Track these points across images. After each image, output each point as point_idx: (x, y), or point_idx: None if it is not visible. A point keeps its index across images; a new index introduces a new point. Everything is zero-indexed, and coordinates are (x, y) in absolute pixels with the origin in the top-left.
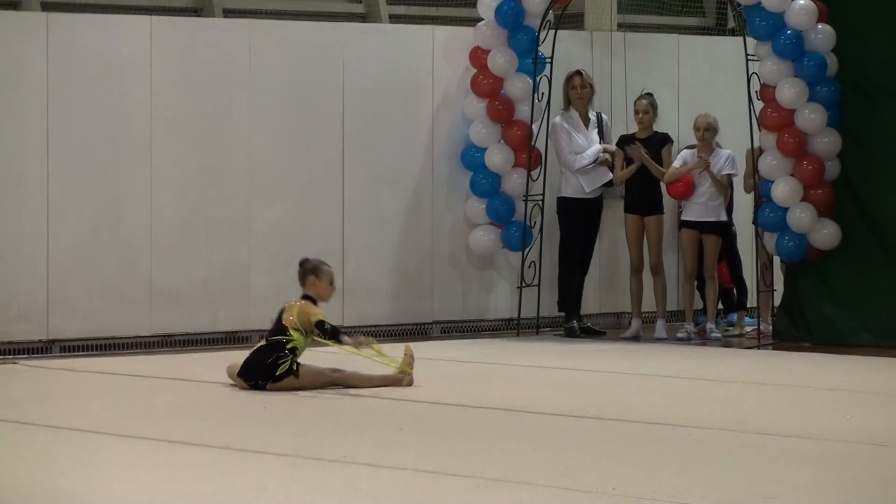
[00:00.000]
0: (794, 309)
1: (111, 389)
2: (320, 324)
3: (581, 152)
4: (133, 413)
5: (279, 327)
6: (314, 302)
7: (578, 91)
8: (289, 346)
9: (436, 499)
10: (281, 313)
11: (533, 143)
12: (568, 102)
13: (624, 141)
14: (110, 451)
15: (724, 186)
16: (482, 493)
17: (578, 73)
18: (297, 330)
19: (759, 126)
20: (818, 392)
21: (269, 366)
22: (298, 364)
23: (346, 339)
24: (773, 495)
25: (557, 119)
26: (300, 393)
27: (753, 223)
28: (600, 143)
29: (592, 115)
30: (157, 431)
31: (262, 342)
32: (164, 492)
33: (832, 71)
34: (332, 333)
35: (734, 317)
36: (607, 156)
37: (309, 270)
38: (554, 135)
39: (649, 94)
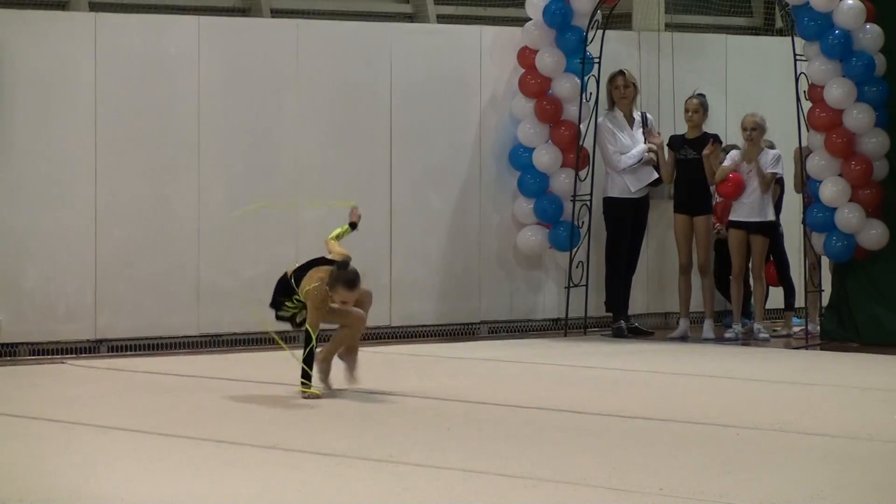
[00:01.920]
0: (841, 309)
1: (158, 389)
2: (309, 329)
3: (626, 152)
4: (180, 413)
5: (297, 281)
6: (328, 262)
7: (622, 91)
8: (288, 305)
9: (484, 499)
10: (311, 269)
11: (581, 143)
12: (612, 102)
13: (673, 141)
14: (158, 451)
15: (767, 184)
16: (530, 493)
17: (621, 72)
18: (300, 302)
19: (807, 126)
20: (866, 392)
21: (276, 302)
22: (296, 318)
23: (308, 368)
24: (820, 496)
25: (602, 119)
26: (348, 395)
27: (802, 223)
28: (645, 142)
29: (637, 115)
30: (204, 431)
31: (296, 266)
32: (211, 491)
33: (880, 71)
34: (304, 347)
35: (748, 321)
36: (652, 155)
37: (328, 283)
38: (599, 135)
39: (701, 95)
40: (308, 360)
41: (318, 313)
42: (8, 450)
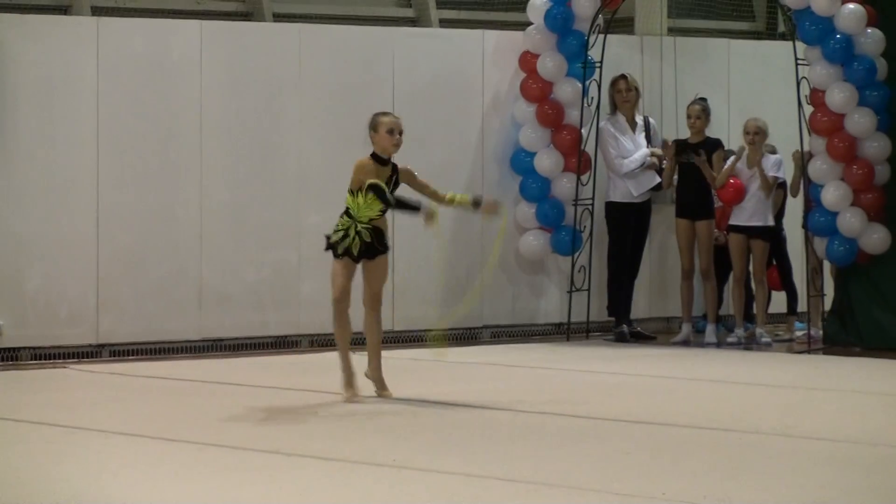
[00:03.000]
0: (844, 313)
1: (160, 394)
2: (372, 188)
3: (628, 156)
4: (182, 418)
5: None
6: (381, 161)
7: (624, 95)
8: (339, 224)
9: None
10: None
11: (582, 147)
12: (614, 107)
13: (678, 146)
14: (160, 456)
15: (768, 188)
16: (532, 497)
17: (623, 76)
18: (351, 192)
19: (808, 130)
20: (869, 397)
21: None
22: (337, 248)
23: (418, 210)
24: (823, 500)
25: (604, 123)
26: (351, 401)
27: (803, 227)
28: (647, 147)
29: (639, 119)
30: (207, 436)
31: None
32: (213, 496)
33: (882, 75)
34: (385, 199)
35: (750, 326)
36: (654, 160)
37: (369, 127)
38: (601, 139)
39: (702, 100)
40: (398, 204)
41: (369, 171)
42: (10, 454)
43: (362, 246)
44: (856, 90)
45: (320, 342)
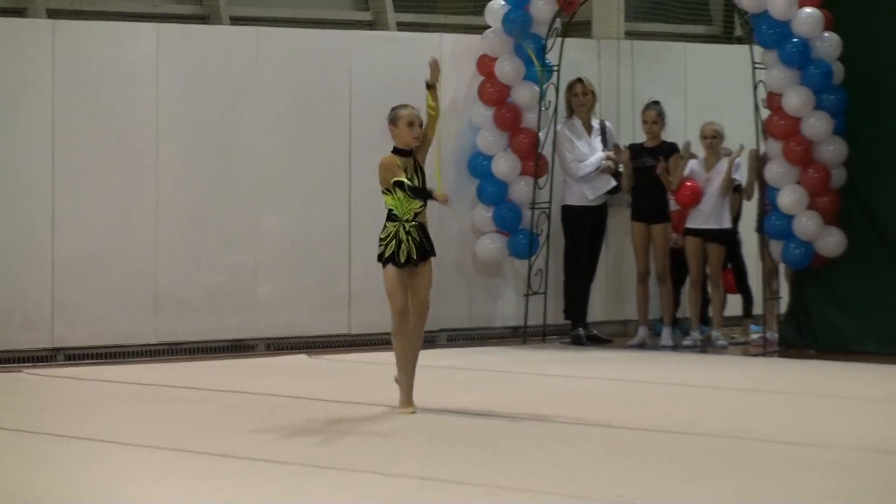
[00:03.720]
0: (799, 316)
1: (116, 398)
2: (399, 185)
3: (584, 160)
4: (138, 422)
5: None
6: (403, 153)
7: (580, 98)
8: (389, 213)
9: None
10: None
11: (540, 150)
12: (570, 110)
13: (633, 150)
14: (115, 461)
15: (727, 189)
16: (487, 500)
17: (580, 80)
18: (386, 192)
19: (765, 134)
20: (824, 399)
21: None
22: (387, 257)
23: (432, 195)
24: (778, 502)
25: (560, 127)
26: (304, 404)
27: (756, 231)
28: (603, 150)
29: (595, 123)
30: (163, 440)
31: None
32: (168, 501)
33: (838, 79)
34: (417, 192)
35: (706, 329)
36: (610, 163)
37: (388, 121)
38: (558, 143)
39: (657, 103)
40: (424, 193)
41: (391, 169)
42: None
43: (415, 247)
44: (812, 94)
45: (277, 346)
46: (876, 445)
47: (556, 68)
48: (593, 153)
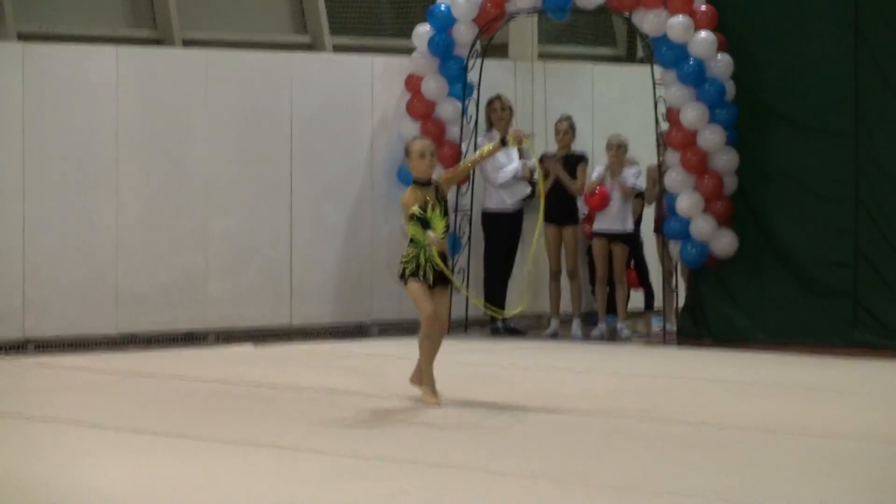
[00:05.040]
0: (696, 310)
1: (80, 384)
2: (412, 218)
3: (502, 169)
4: (100, 405)
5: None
6: (423, 184)
7: (498, 113)
8: (410, 240)
9: (372, 482)
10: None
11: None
12: (490, 124)
13: (545, 158)
14: (79, 441)
15: (629, 195)
16: (415, 475)
17: (498, 97)
18: (410, 220)
19: (665, 145)
20: (718, 384)
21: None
22: (409, 274)
23: (430, 234)
24: (676, 476)
25: (480, 139)
26: (260, 385)
27: (654, 232)
28: (520, 160)
29: None
30: (123, 422)
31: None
32: (126, 477)
33: (730, 96)
34: (424, 224)
35: (613, 319)
36: (526, 172)
37: (404, 154)
38: None
39: (569, 118)
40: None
41: (409, 201)
42: None
43: (432, 274)
44: (707, 109)
45: (226, 337)
46: (763, 425)
47: (476, 86)
48: (511, 163)
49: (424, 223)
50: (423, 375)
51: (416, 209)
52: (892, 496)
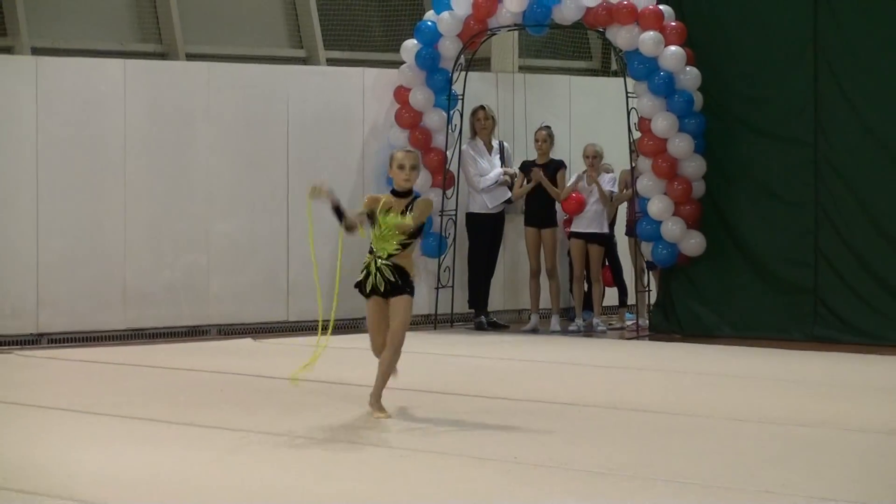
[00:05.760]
0: (666, 306)
1: (91, 375)
2: (369, 216)
3: (485, 175)
4: (109, 395)
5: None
6: (399, 194)
7: (482, 122)
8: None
9: (348, 465)
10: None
11: (447, 167)
12: (474, 132)
13: (525, 166)
14: (89, 428)
15: (607, 200)
16: (405, 462)
17: (482, 107)
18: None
19: (637, 152)
20: (687, 376)
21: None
22: (364, 287)
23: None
24: (648, 464)
25: (465, 147)
26: (258, 376)
27: (626, 234)
28: (501, 167)
29: (495, 143)
30: (131, 410)
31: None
32: (133, 461)
33: (698, 106)
34: (338, 212)
35: (589, 315)
36: (507, 178)
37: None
38: (462, 160)
39: (547, 127)
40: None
41: (369, 204)
42: None
43: (386, 284)
44: (677, 119)
45: (226, 331)
46: (729, 413)
47: (461, 97)
48: (493, 169)
49: (337, 212)
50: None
51: (363, 210)
52: (850, 478)
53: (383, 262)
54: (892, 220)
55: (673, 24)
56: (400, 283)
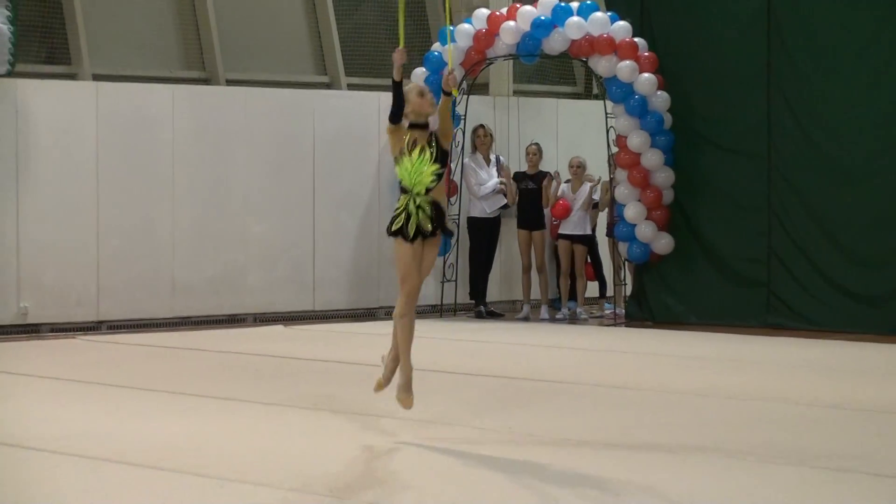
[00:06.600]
0: (640, 298)
1: (144, 357)
2: (397, 160)
3: (484, 184)
4: (159, 374)
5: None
6: (419, 127)
7: (482, 139)
8: (400, 187)
9: (365, 433)
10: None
11: (451, 177)
12: (474, 148)
13: (518, 176)
14: (143, 402)
15: (588, 206)
16: (397, 427)
17: (481, 125)
18: (397, 163)
19: (614, 165)
20: (659, 357)
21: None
22: (395, 232)
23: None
24: (626, 431)
25: (467, 160)
26: (289, 357)
27: (606, 235)
28: (497, 177)
29: (493, 157)
30: (178, 387)
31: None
32: (180, 431)
33: (668, 125)
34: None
35: (574, 305)
36: (503, 186)
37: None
38: (465, 171)
39: (537, 143)
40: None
41: (394, 136)
42: (27, 401)
43: (428, 220)
44: (649, 136)
45: (261, 319)
46: (695, 390)
47: (463, 117)
48: (491, 179)
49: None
50: (402, 366)
51: (405, 147)
52: (801, 444)
53: (422, 198)
54: (835, 223)
55: (646, 54)
56: (438, 222)
